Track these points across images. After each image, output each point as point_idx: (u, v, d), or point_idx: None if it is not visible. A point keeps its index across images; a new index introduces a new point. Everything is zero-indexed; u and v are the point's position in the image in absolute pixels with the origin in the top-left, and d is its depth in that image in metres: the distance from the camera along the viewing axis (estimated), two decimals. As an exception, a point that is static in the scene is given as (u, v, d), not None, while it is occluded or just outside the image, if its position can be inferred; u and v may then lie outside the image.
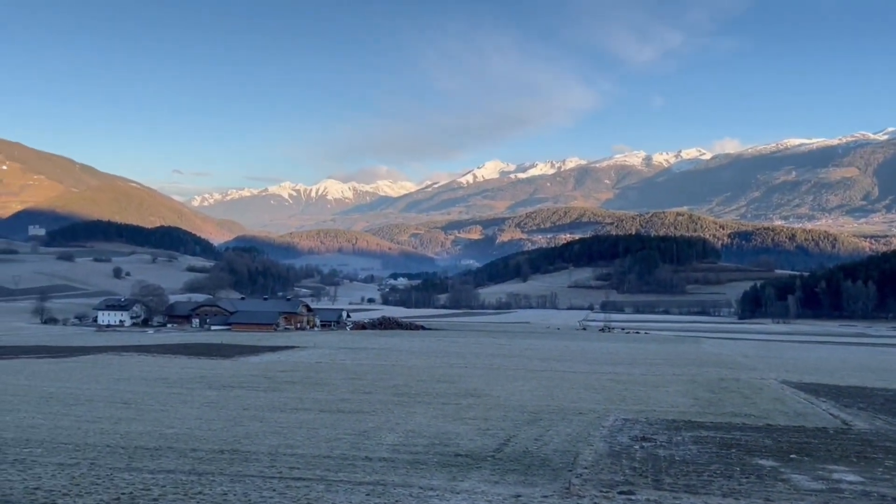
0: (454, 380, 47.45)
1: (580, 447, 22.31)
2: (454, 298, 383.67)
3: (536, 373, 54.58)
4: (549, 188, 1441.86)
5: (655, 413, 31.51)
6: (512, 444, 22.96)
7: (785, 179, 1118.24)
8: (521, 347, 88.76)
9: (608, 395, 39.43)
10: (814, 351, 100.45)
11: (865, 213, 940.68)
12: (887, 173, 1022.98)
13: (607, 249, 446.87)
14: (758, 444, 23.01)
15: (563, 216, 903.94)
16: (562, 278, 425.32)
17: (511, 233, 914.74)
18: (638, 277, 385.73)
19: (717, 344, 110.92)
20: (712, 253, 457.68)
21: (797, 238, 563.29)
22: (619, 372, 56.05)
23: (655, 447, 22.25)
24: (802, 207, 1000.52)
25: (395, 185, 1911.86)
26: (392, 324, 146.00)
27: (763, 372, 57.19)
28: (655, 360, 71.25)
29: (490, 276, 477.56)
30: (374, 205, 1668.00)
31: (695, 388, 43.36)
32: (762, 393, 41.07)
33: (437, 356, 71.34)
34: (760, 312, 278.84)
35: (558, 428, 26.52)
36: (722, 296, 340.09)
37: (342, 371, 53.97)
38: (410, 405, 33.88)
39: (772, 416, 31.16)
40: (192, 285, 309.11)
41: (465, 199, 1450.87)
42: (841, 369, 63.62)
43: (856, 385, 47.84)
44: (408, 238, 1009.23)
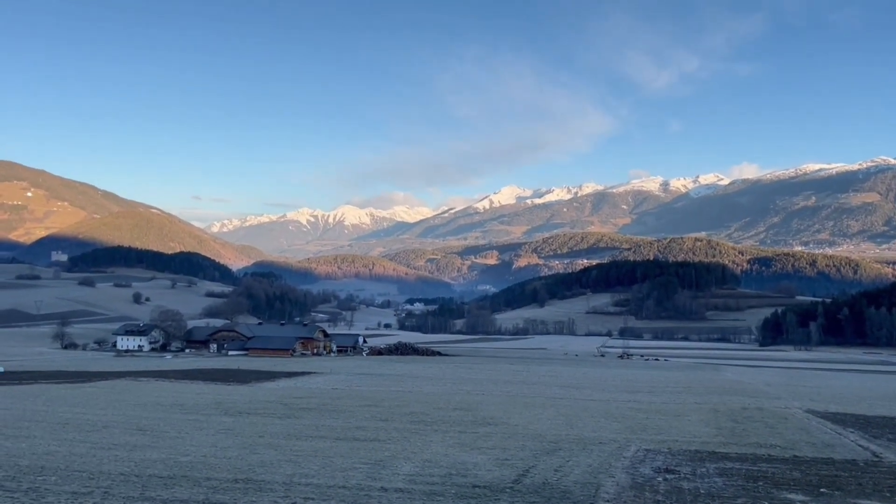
0: (471, 407, 46.87)
1: (601, 479, 21.75)
2: (471, 324, 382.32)
3: (555, 400, 53.81)
4: (566, 213, 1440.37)
5: (678, 443, 30.80)
6: (531, 475, 22.44)
7: (804, 205, 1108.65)
8: (539, 374, 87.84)
9: (629, 423, 38.68)
10: (838, 379, 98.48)
11: (888, 238, 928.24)
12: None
13: (625, 275, 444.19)
14: (785, 476, 22.31)
15: (580, 241, 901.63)
16: (579, 304, 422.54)
17: (528, 258, 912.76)
18: (656, 304, 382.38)
19: (738, 371, 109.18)
20: (732, 279, 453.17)
21: (818, 264, 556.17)
22: (640, 400, 55.14)
23: (679, 479, 21.64)
24: (823, 233, 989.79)
25: (412, 210, 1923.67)
26: (408, 349, 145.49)
27: (787, 401, 56.02)
28: (676, 387, 70.13)
29: (507, 301, 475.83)
30: (391, 230, 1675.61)
31: (717, 418, 42.46)
32: (787, 423, 40.10)
33: (454, 383, 70.70)
34: (782, 339, 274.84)
35: (578, 458, 25.93)
36: (742, 322, 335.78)
37: (358, 398, 53.57)
38: (427, 433, 33.40)
39: (798, 446, 30.33)
40: (211, 310, 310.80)
41: (481, 225, 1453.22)
42: (867, 398, 62.19)
43: (884, 415, 46.64)
44: (424, 263, 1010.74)
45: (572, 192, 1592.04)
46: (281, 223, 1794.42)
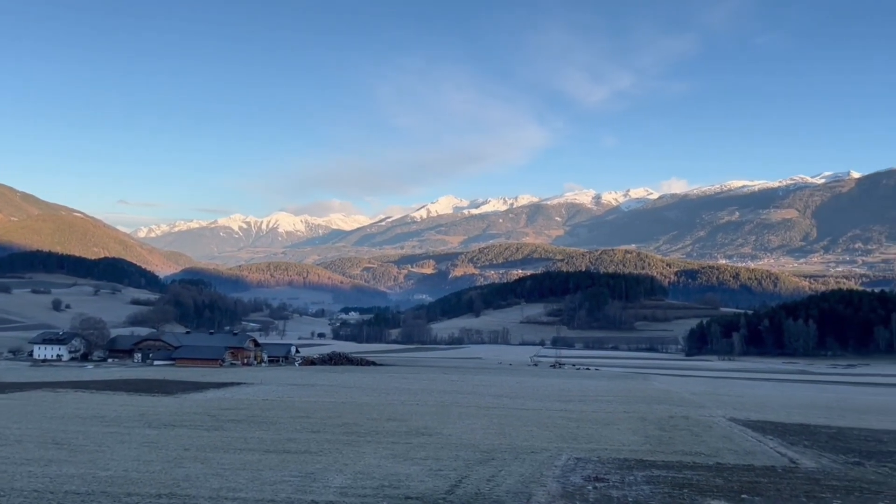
0: (405, 417, 46.61)
1: (533, 488, 21.90)
2: (406, 333, 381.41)
3: (489, 410, 54.07)
4: (502, 224, 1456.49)
5: (607, 451, 31.35)
6: (464, 486, 22.40)
7: (729, 220, 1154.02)
8: (474, 383, 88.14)
9: (560, 432, 39.18)
10: (759, 388, 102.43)
11: (805, 253, 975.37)
12: (824, 215, 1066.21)
13: (558, 285, 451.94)
14: (709, 483, 22.97)
15: (516, 252, 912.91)
16: (514, 313, 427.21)
17: (464, 268, 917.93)
18: (588, 314, 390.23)
19: (665, 381, 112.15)
20: (660, 290, 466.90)
21: (741, 277, 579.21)
22: (571, 409, 55.97)
23: (608, 487, 21.99)
24: (746, 247, 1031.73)
25: (349, 218, 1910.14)
26: (342, 359, 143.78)
27: (711, 409, 57.85)
28: (606, 396, 71.51)
29: (443, 310, 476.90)
30: (327, 238, 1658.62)
31: (645, 426, 43.46)
32: (711, 431, 41.38)
33: (388, 393, 70.21)
34: (706, 349, 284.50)
35: (511, 468, 26.07)
36: (669, 332, 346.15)
37: (289, 409, 52.55)
38: (360, 445, 33.01)
39: (721, 454, 31.32)
40: (136, 319, 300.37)
41: (418, 234, 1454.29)
42: (786, 406, 64.87)
43: (800, 422, 48.70)
44: (360, 272, 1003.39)
45: (508, 203, 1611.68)
46: (212, 229, 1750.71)
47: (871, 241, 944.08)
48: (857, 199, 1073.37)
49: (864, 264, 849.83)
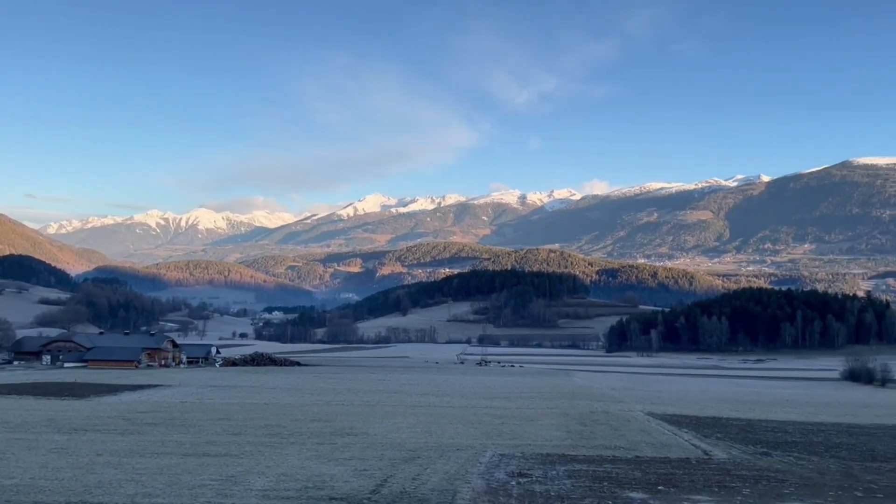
0: (330, 418, 46.09)
1: (458, 485, 22.03)
2: (332, 333, 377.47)
3: (415, 408, 54.10)
4: (430, 223, 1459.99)
5: (531, 447, 31.86)
6: (389, 485, 22.33)
7: (648, 220, 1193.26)
8: (400, 382, 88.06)
9: (485, 429, 39.57)
10: (675, 383, 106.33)
11: (718, 253, 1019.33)
12: (737, 217, 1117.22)
13: (485, 284, 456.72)
14: (628, 476, 23.65)
15: (443, 251, 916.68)
16: (441, 312, 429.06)
17: (391, 266, 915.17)
18: (513, 312, 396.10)
19: (587, 377, 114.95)
20: (582, 289, 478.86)
21: (659, 276, 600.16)
22: (496, 406, 56.62)
23: (532, 482, 22.34)
24: (663, 247, 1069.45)
25: (273, 215, 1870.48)
26: (265, 360, 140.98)
27: (630, 404, 59.65)
28: (530, 393, 72.73)
29: (370, 309, 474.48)
30: (250, 236, 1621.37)
31: (567, 421, 44.40)
32: (630, 425, 42.64)
33: (313, 393, 69.31)
34: (626, 346, 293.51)
35: (436, 465, 26.14)
36: (591, 330, 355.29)
37: (209, 411, 51.11)
38: (283, 446, 32.43)
39: (640, 447, 32.31)
40: (45, 319, 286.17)
41: (345, 232, 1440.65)
42: (700, 401, 67.58)
43: (714, 415, 50.84)
44: (284, 270, 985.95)
45: (436, 202, 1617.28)
46: (127, 225, 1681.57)
47: (779, 242, 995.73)
48: (767, 202, 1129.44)
49: (773, 264, 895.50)
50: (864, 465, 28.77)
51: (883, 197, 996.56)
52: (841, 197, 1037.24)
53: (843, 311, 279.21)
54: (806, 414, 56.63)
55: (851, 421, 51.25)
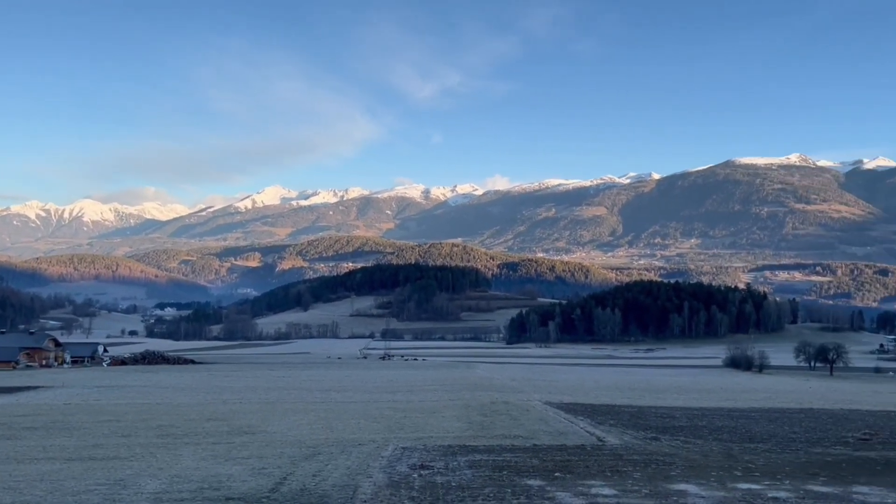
0: (227, 417, 44.68)
1: (359, 480, 21.87)
2: (229, 329, 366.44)
3: (316, 404, 53.32)
4: (332, 217, 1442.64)
5: (433, 439, 32.06)
6: (289, 483, 21.89)
7: (546, 216, 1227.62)
8: (301, 379, 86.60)
9: (387, 423, 39.52)
10: (571, 373, 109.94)
11: (612, 247, 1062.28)
12: (629, 213, 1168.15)
13: (388, 278, 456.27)
14: (526, 464, 24.20)
15: (346, 245, 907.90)
16: (344, 307, 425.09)
17: (292, 261, 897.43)
18: (417, 305, 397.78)
19: (488, 368, 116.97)
20: (484, 282, 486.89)
21: (557, 269, 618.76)
22: (398, 399, 56.67)
23: (433, 474, 22.48)
24: (561, 241, 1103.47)
25: (165, 207, 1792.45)
26: (157, 358, 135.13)
27: (529, 394, 61.14)
28: (432, 385, 73.22)
29: (269, 305, 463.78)
30: (140, 228, 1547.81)
31: (469, 413, 45.00)
32: (528, 414, 43.69)
33: (209, 392, 67.02)
34: (526, 337, 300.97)
35: (337, 461, 25.87)
36: (492, 322, 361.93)
37: (96, 413, 48.41)
38: (176, 447, 31.13)
39: (538, 436, 33.17)
40: None
41: (242, 225, 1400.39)
42: (595, 389, 70.18)
43: (607, 403, 52.91)
44: (178, 265, 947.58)
45: (339, 195, 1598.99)
46: (4, 217, 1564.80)
47: (668, 237, 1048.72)
48: (657, 199, 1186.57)
49: (663, 258, 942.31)
50: (743, 446, 30.74)
51: (762, 195, 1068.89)
52: (724, 194, 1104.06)
53: (725, 302, 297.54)
54: (692, 400, 59.91)
55: (732, 405, 54.65)
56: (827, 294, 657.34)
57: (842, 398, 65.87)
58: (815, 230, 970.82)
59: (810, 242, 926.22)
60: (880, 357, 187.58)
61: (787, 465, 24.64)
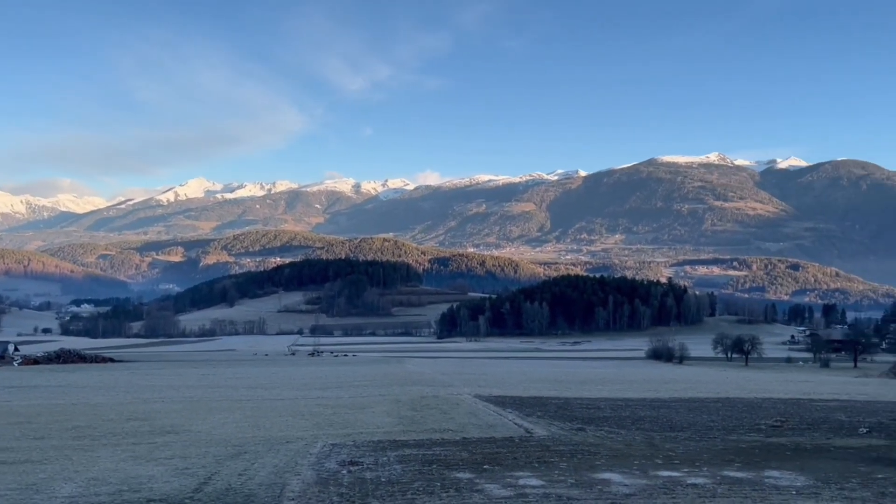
0: (148, 416, 43.18)
1: (287, 478, 21.55)
2: (151, 326, 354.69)
3: (242, 402, 52.17)
4: (259, 210, 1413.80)
5: (362, 435, 31.89)
6: (213, 483, 21.34)
7: (477, 211, 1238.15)
8: (226, 377, 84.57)
9: (317, 420, 39.05)
10: (501, 366, 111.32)
11: (540, 242, 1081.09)
12: (557, 209, 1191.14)
13: (318, 273, 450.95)
14: (456, 457, 24.37)
15: (274, 239, 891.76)
16: (271, 303, 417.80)
17: (217, 255, 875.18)
18: (347, 301, 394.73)
19: (419, 363, 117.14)
20: (415, 277, 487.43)
21: (487, 264, 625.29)
22: (328, 396, 56.07)
23: (363, 470, 22.37)
24: (491, 237, 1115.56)
25: (81, 199, 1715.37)
26: (73, 357, 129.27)
27: (459, 387, 61.53)
28: (363, 381, 72.78)
29: (193, 301, 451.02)
30: (54, 221, 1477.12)
31: (399, 408, 44.94)
32: (458, 408, 43.97)
33: (129, 391, 64.60)
34: (456, 332, 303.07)
35: (265, 460, 25.40)
36: (423, 317, 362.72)
37: (6, 415, 45.92)
38: (94, 449, 29.87)
39: (467, 429, 33.43)
40: None
41: (164, 219, 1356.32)
42: (523, 381, 71.29)
43: (535, 395, 53.80)
44: (95, 260, 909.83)
45: (266, 188, 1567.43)
46: None
47: (594, 233, 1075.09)
48: (584, 195, 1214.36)
49: (589, 253, 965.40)
50: (664, 434, 31.83)
51: (682, 192, 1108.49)
52: (648, 192, 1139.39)
53: (648, 295, 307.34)
54: (616, 391, 61.59)
55: (654, 396, 56.47)
56: (743, 288, 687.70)
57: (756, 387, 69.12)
58: (732, 227, 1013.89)
59: (728, 238, 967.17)
60: (791, 348, 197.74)
61: (704, 453, 25.69)
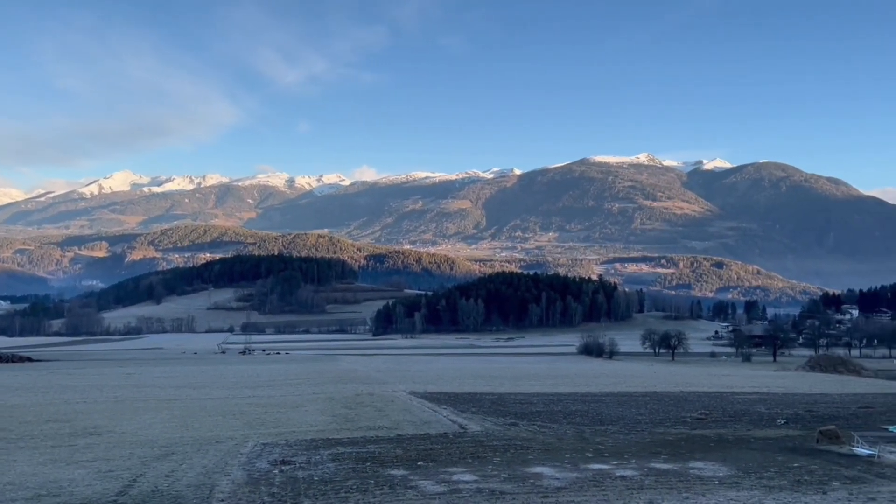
0: (70, 418, 41.50)
1: (216, 478, 21.12)
2: (72, 324, 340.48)
3: (170, 402, 50.75)
4: (188, 205, 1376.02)
5: (295, 434, 31.54)
6: (138, 485, 20.72)
7: (413, 208, 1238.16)
8: (153, 376, 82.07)
9: (248, 419, 38.37)
10: (436, 363, 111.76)
11: (476, 240, 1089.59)
12: (493, 206, 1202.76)
13: (250, 270, 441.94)
14: (390, 455, 24.37)
15: (203, 234, 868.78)
16: (201, 300, 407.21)
17: (144, 251, 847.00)
18: (280, 298, 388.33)
19: (353, 360, 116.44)
20: (350, 274, 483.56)
21: (423, 261, 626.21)
22: (260, 395, 55.14)
23: (295, 469, 22.15)
24: (427, 234, 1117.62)
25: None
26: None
27: (394, 385, 61.51)
28: (296, 379, 71.85)
29: (118, 298, 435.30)
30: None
31: (333, 406, 44.61)
32: (393, 405, 43.97)
33: (49, 392, 61.91)
34: (392, 329, 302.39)
35: (193, 460, 24.81)
36: (359, 314, 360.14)
37: (-88, 419, 43.33)
38: (10, 452, 28.55)
39: (402, 426, 33.46)
40: None
41: (88, 212, 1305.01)
42: (458, 378, 71.76)
43: (470, 391, 54.26)
44: (12, 255, 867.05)
45: (195, 182, 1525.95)
46: None
47: (528, 230, 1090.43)
48: (519, 194, 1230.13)
49: (523, 250, 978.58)
50: (595, 428, 32.60)
51: (613, 192, 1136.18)
52: (580, 191, 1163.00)
53: (580, 292, 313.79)
54: (548, 386, 62.71)
55: (585, 390, 57.77)
56: (670, 285, 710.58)
57: (682, 381, 71.54)
58: (660, 225, 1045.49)
59: (656, 237, 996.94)
60: (715, 343, 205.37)
61: (633, 446, 26.44)
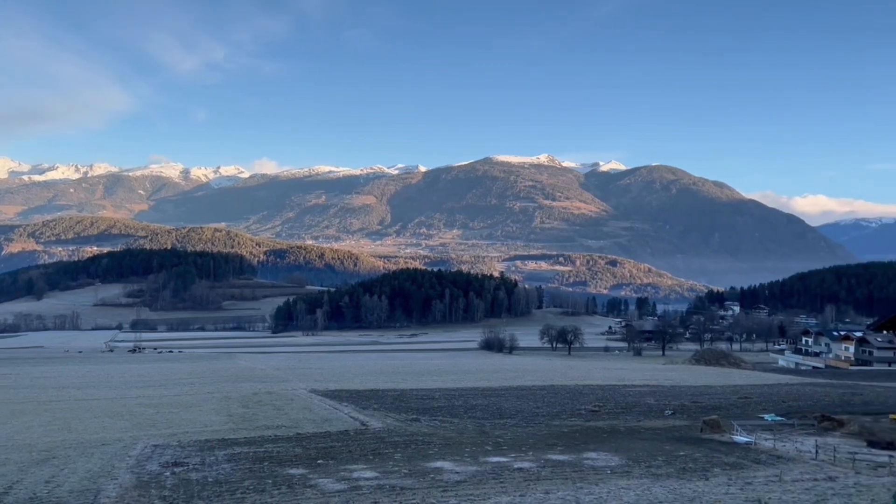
0: (-65, 423, 38.36)
1: (102, 483, 20.07)
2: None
3: (51, 404, 47.80)
4: (73, 195, 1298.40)
5: (188, 435, 30.44)
6: (15, 492, 19.39)
7: (316, 203, 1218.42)
8: (33, 376, 77.05)
9: (137, 420, 36.67)
10: (338, 360, 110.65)
11: (381, 236, 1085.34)
12: (398, 203, 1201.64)
13: (140, 264, 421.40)
14: (289, 454, 23.94)
15: (90, 227, 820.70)
16: (87, 296, 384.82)
17: (23, 243, 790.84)
18: (173, 294, 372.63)
19: (251, 358, 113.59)
20: (249, 270, 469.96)
21: (326, 257, 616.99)
22: (150, 395, 52.83)
23: (188, 471, 21.38)
24: (330, 229, 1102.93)
25: None
26: None
27: (294, 382, 60.47)
28: (189, 379, 69.32)
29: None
30: None
31: (229, 405, 43.36)
32: (293, 403, 43.22)
33: (-89, 395, 56.93)
34: (293, 326, 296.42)
35: (76, 464, 23.47)
36: (258, 311, 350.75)
37: None
38: None
39: (301, 424, 32.94)
40: None
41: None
42: (360, 375, 71.34)
43: (371, 388, 54.08)
44: None
45: (81, 171, 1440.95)
46: None
47: (433, 227, 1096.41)
48: (424, 190, 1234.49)
49: (427, 247, 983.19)
50: (494, 422, 33.21)
51: (515, 191, 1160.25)
52: (483, 189, 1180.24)
53: (482, 289, 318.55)
54: (450, 381, 63.40)
55: (486, 385, 58.78)
56: (568, 282, 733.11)
57: (577, 375, 74.04)
58: (559, 224, 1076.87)
59: (555, 235, 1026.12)
60: (609, 338, 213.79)
61: (530, 438, 27.12)
